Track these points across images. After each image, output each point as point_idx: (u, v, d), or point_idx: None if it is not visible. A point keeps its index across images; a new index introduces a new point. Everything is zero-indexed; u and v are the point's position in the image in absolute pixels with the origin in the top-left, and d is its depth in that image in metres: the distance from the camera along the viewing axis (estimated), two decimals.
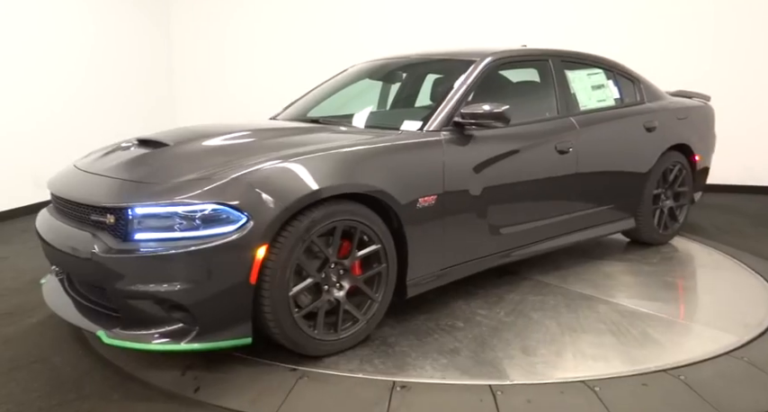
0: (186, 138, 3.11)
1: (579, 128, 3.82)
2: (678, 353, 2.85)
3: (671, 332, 3.09)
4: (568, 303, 3.48)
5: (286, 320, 2.62)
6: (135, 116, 7.47)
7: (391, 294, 3.04)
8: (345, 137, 3.15)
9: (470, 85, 3.44)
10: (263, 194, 2.53)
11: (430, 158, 3.09)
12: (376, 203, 2.88)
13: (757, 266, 4.09)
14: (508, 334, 3.09)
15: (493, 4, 7.18)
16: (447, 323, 3.22)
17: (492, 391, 2.51)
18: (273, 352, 2.79)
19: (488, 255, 3.50)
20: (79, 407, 2.46)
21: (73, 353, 2.95)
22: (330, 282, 2.82)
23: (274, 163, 2.66)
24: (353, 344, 2.90)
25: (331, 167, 2.74)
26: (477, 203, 3.30)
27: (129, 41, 7.52)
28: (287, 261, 2.58)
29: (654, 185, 4.41)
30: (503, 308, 3.43)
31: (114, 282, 2.48)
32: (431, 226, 3.11)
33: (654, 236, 4.55)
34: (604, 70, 4.27)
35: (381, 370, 2.72)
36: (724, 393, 2.48)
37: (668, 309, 3.40)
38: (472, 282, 3.72)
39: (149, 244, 2.47)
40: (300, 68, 7.73)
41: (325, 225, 2.69)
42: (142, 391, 2.58)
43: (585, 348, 2.92)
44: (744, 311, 3.39)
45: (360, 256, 2.87)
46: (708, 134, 4.96)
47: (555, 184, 3.74)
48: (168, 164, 2.79)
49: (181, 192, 2.50)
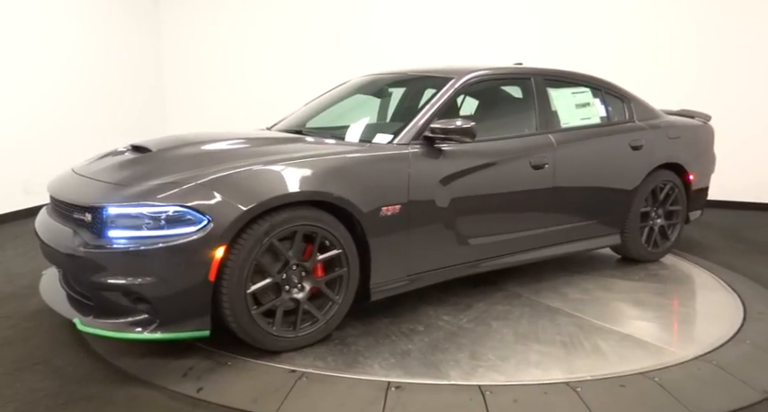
0: (169, 145, 3.39)
1: (557, 144, 3.93)
2: (620, 365, 2.95)
3: (620, 346, 3.18)
4: (533, 314, 3.60)
5: (243, 316, 2.85)
6: (124, 123, 7.53)
7: (352, 297, 3.23)
8: (315, 147, 3.37)
9: (443, 102, 3.60)
10: (224, 199, 2.76)
11: (395, 170, 3.27)
12: (339, 210, 3.07)
13: (740, 287, 4.14)
14: (464, 339, 3.24)
15: (496, 25, 7.37)
16: (408, 327, 3.39)
17: (481, 391, 2.65)
18: (273, 354, 2.97)
19: (457, 265, 3.64)
20: (85, 406, 2.56)
21: (74, 354, 3.04)
22: (291, 282, 3.03)
23: (238, 170, 2.90)
24: (311, 342, 3.10)
25: (291, 176, 2.95)
26: (444, 214, 3.46)
27: (118, 49, 7.58)
28: (245, 261, 2.80)
29: (641, 203, 4.47)
30: (467, 315, 3.57)
31: (89, 274, 2.76)
32: (395, 234, 3.29)
33: (642, 253, 4.60)
34: (592, 89, 4.37)
35: (332, 366, 2.91)
36: (695, 394, 2.66)
37: (628, 324, 3.48)
38: (445, 290, 3.88)
39: (120, 241, 2.73)
40: (290, 77, 7.99)
41: (286, 229, 2.91)
42: (146, 391, 2.68)
43: (531, 356, 3.05)
44: (703, 330, 3.49)
45: (320, 260, 3.07)
46: (705, 154, 4.97)
47: (528, 199, 3.86)
48: (145, 168, 3.06)
49: (149, 195, 2.76)
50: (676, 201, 4.73)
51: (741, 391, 2.72)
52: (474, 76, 3.81)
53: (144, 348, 3.02)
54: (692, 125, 4.90)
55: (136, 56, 7.97)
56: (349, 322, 3.37)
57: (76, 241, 2.81)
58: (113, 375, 2.82)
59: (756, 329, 3.41)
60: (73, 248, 2.79)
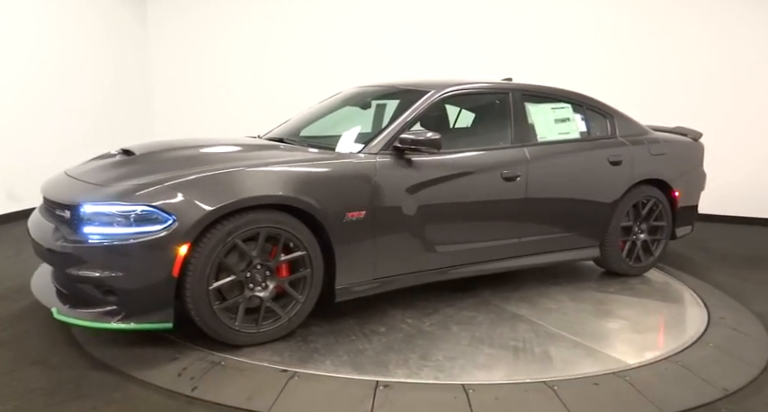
0: (153, 149, 3.65)
1: (530, 157, 4.05)
2: (564, 370, 3.08)
3: (570, 353, 3.29)
4: (495, 320, 3.72)
5: (205, 311, 3.05)
6: (111, 128, 7.58)
7: (316, 297, 3.41)
8: (286, 155, 3.57)
9: (415, 114, 3.77)
10: (189, 200, 2.99)
11: (360, 177, 3.45)
12: (303, 214, 3.27)
13: (705, 295, 4.33)
14: (420, 341, 3.39)
15: (491, 41, 7.58)
16: (371, 328, 3.55)
17: (465, 390, 2.79)
18: (265, 354, 3.12)
19: (425, 271, 3.79)
20: (82, 404, 2.63)
21: (69, 355, 3.11)
22: (255, 281, 3.23)
23: (205, 174, 3.12)
24: (273, 338, 3.28)
25: (255, 180, 3.16)
26: (411, 221, 3.62)
27: (106, 54, 7.61)
28: (208, 259, 3.02)
29: (622, 217, 4.54)
30: (432, 319, 3.71)
31: (65, 267, 3.01)
32: (360, 238, 3.46)
33: (623, 266, 4.67)
34: (573, 105, 4.48)
35: (287, 361, 3.09)
36: (662, 392, 2.87)
37: (585, 333, 3.57)
38: (417, 295, 4.04)
39: (94, 237, 2.98)
40: (279, 84, 8.13)
41: (249, 230, 3.11)
42: (141, 391, 2.76)
43: (479, 358, 3.19)
44: (669, 335, 3.68)
45: (283, 261, 3.27)
46: (692, 171, 5.01)
47: (499, 209, 3.99)
48: (125, 171, 3.31)
49: (120, 195, 3.00)
50: (660, 217, 4.77)
51: (703, 389, 2.94)
52: (450, 90, 3.97)
53: (139, 349, 3.13)
54: (678, 142, 4.95)
55: (124, 61, 8.00)
56: (316, 321, 3.56)
57: (56, 236, 3.07)
58: (109, 375, 2.90)
59: (718, 333, 3.65)
60: (52, 243, 3.06)
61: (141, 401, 2.67)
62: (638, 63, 7.13)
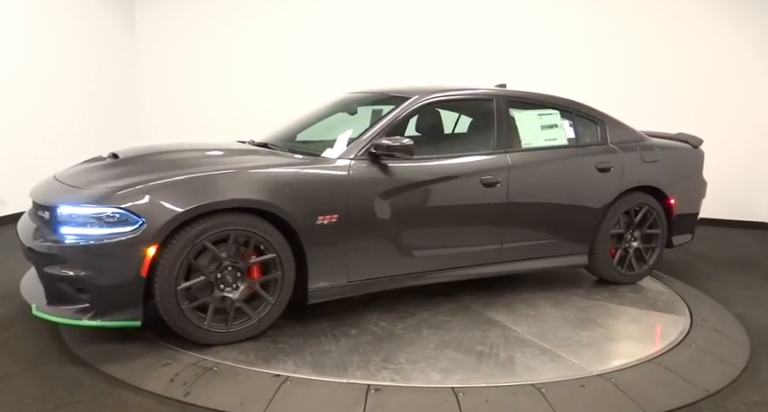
0: (137, 153, 3.79)
1: (512, 163, 4.06)
2: (523, 375, 3.09)
3: (535, 358, 3.29)
4: (469, 326, 3.74)
5: (174, 310, 3.16)
6: (99, 133, 7.61)
7: (287, 299, 3.49)
8: (262, 159, 3.66)
9: (391, 121, 3.83)
10: (158, 203, 3.10)
11: (333, 182, 3.52)
12: (274, 217, 3.35)
13: (688, 297, 4.40)
14: (387, 344, 3.43)
15: (487, 48, 7.67)
16: (342, 330, 3.61)
17: (455, 393, 2.84)
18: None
19: (401, 275, 3.83)
20: (75, 410, 2.65)
21: (59, 362, 3.12)
22: (226, 282, 3.33)
23: (176, 178, 3.23)
24: (242, 338, 3.37)
25: (224, 184, 3.26)
26: (386, 226, 3.67)
27: (94, 58, 7.61)
28: (176, 260, 3.12)
29: (611, 225, 4.50)
30: (405, 322, 3.76)
31: (43, 265, 3.16)
32: (333, 242, 3.53)
33: (613, 274, 4.62)
34: (561, 111, 4.46)
35: (251, 361, 3.16)
36: (646, 393, 2.95)
37: (555, 340, 3.57)
38: (397, 299, 4.10)
39: (69, 237, 3.11)
40: (270, 88, 8.20)
41: (218, 233, 3.21)
42: (134, 396, 2.77)
43: (441, 362, 3.21)
44: (650, 338, 3.72)
45: (253, 263, 3.36)
46: (689, 178, 4.93)
47: (479, 215, 4.01)
48: (105, 174, 3.45)
49: (94, 197, 3.13)
50: (655, 225, 4.71)
51: (686, 390, 3.02)
52: (429, 97, 4.00)
53: (131, 354, 3.16)
54: (674, 149, 4.88)
55: (111, 66, 7.98)
56: (290, 323, 3.64)
57: (36, 236, 3.23)
58: (101, 381, 2.91)
59: (700, 334, 3.75)
60: (32, 242, 3.21)
61: (134, 407, 2.70)
62: (639, 69, 7.28)
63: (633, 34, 7.24)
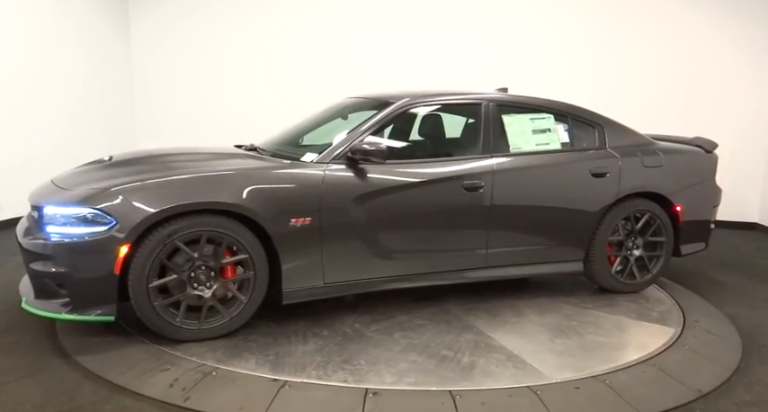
0: (127, 157, 3.99)
1: (496, 168, 4.03)
2: (480, 382, 3.08)
3: (499, 364, 3.26)
4: (444, 330, 3.74)
5: (146, 307, 3.31)
6: (94, 138, 7.59)
7: (260, 299, 3.58)
8: (241, 163, 3.78)
9: (370, 125, 3.87)
10: (131, 204, 3.26)
11: (306, 185, 3.60)
12: (247, 219, 3.46)
13: (680, 298, 4.39)
14: (354, 345, 3.48)
15: (491, 52, 7.74)
16: (315, 331, 3.68)
17: (452, 396, 2.88)
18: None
19: (380, 278, 3.86)
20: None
21: (59, 367, 3.14)
22: (200, 280, 3.46)
23: (150, 180, 3.38)
24: (214, 335, 3.48)
25: (196, 187, 3.39)
26: (362, 229, 3.71)
27: (89, 62, 7.56)
28: (147, 259, 3.27)
29: (608, 232, 4.39)
30: (380, 325, 3.79)
31: (30, 261, 3.37)
32: (306, 244, 3.61)
33: (612, 283, 4.50)
34: (556, 115, 4.39)
35: (218, 356, 3.27)
36: (639, 394, 2.99)
37: (528, 346, 3.52)
38: (381, 301, 4.14)
39: (53, 235, 3.31)
40: (264, 92, 8.19)
41: (189, 233, 3.34)
42: (133, 402, 2.79)
43: (401, 364, 3.24)
44: (643, 342, 3.69)
45: (226, 263, 3.47)
46: (699, 184, 4.74)
47: (461, 220, 3.99)
48: (93, 176, 3.64)
49: (74, 198, 3.32)
50: (659, 232, 4.56)
51: (679, 391, 3.06)
52: (410, 101, 4.03)
53: (130, 360, 3.18)
54: (681, 153, 4.71)
55: (105, 70, 7.92)
56: (266, 322, 3.74)
57: (26, 234, 3.45)
58: (100, 387, 2.93)
59: (692, 336, 3.77)
60: (22, 240, 3.43)
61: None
62: (627, 72, 7.43)
63: (623, 38, 7.40)
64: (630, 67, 7.39)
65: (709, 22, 7.16)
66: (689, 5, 7.21)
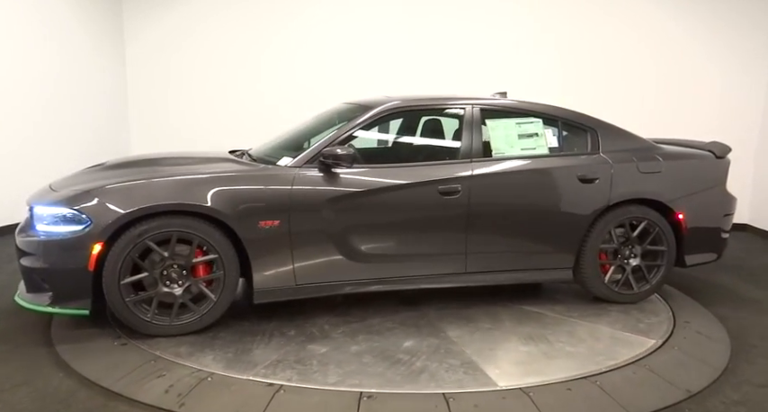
0: (119, 162, 4.22)
1: (474, 172, 4.00)
2: (424, 386, 3.08)
3: (448, 371, 3.23)
4: (410, 334, 3.75)
5: (118, 302, 3.51)
6: (89, 147, 7.54)
7: (230, 297, 3.72)
8: (215, 167, 3.92)
9: (346, 130, 3.94)
10: (104, 206, 3.47)
11: (276, 188, 3.70)
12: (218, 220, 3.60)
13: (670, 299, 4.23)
14: (313, 346, 3.55)
15: (492, 56, 7.85)
16: (283, 331, 3.77)
17: (445, 398, 2.92)
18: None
19: (353, 281, 3.91)
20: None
21: (54, 375, 3.14)
22: (172, 278, 3.63)
23: (125, 183, 3.58)
24: (185, 331, 3.63)
25: (168, 189, 3.56)
26: (334, 232, 3.78)
27: (81, 69, 7.50)
28: (119, 257, 3.47)
29: (600, 239, 4.26)
30: (350, 327, 3.84)
31: (19, 257, 3.64)
32: (276, 245, 3.71)
33: (605, 292, 4.35)
34: (546, 119, 4.31)
35: (181, 352, 3.41)
36: (630, 395, 3.04)
37: (490, 354, 3.49)
38: (358, 304, 4.20)
39: (41, 233, 3.57)
40: (254, 100, 8.15)
41: (160, 233, 3.52)
42: (129, 409, 2.80)
43: (351, 366, 3.28)
44: (632, 343, 3.67)
45: (196, 262, 3.63)
46: (707, 191, 4.51)
47: (437, 224, 3.98)
48: (83, 179, 3.88)
49: (57, 199, 3.56)
50: (659, 241, 4.38)
51: (668, 391, 3.09)
52: (389, 108, 4.06)
53: (125, 366, 3.20)
54: (686, 159, 4.50)
55: (100, 75, 7.85)
56: (241, 321, 3.87)
57: (20, 232, 3.72)
58: (96, 394, 2.94)
59: (682, 336, 3.82)
60: (16, 238, 3.71)
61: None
62: (637, 75, 7.61)
63: (623, 42, 7.65)
64: (627, 68, 7.63)
65: (678, 26, 7.54)
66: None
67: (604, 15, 7.61)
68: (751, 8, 7.28)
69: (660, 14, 7.52)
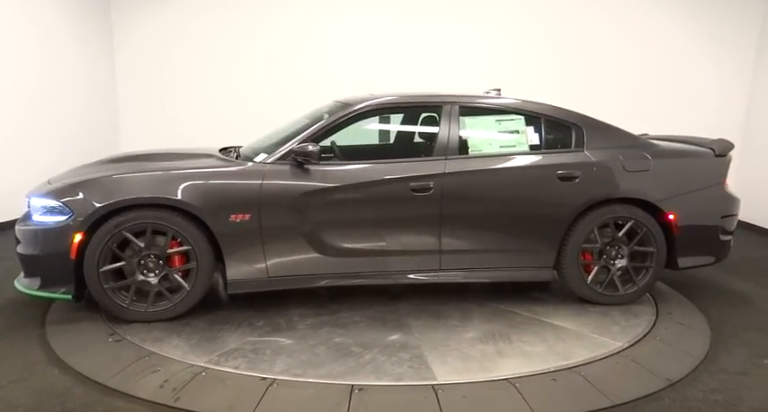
0: (114, 157, 4.47)
1: (447, 170, 4.01)
2: (365, 377, 3.16)
3: (393, 365, 3.30)
4: (374, 328, 3.82)
5: (97, 289, 3.75)
6: (79, 144, 7.52)
7: (204, 287, 3.89)
8: (197, 162, 4.10)
9: (320, 128, 4.04)
10: (84, 198, 3.71)
11: (245, 184, 3.85)
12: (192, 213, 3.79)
13: (667, 299, 3.93)
14: (275, 336, 3.68)
15: (486, 54, 7.94)
16: (252, 321, 3.91)
17: (434, 390, 3.01)
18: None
19: (325, 274, 4.01)
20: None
21: (49, 372, 3.17)
22: (149, 268, 3.84)
23: (103, 178, 3.81)
24: (159, 318, 3.84)
25: (138, 184, 3.76)
26: (304, 227, 3.89)
27: (73, 71, 7.49)
28: (98, 246, 3.70)
29: (581, 239, 4.18)
30: (318, 320, 3.94)
31: (18, 245, 3.94)
32: (247, 239, 3.85)
33: (587, 293, 4.27)
34: (528, 117, 4.26)
35: (146, 337, 3.61)
36: (613, 384, 3.15)
37: (442, 350, 3.51)
38: (335, 298, 4.29)
39: (36, 223, 3.85)
40: (241, 98, 8.17)
41: (136, 225, 3.74)
42: (125, 403, 2.85)
43: (301, 355, 3.40)
44: (612, 337, 3.55)
45: (170, 253, 3.83)
46: (702, 190, 4.33)
47: (409, 221, 4.01)
48: (76, 173, 4.15)
49: (47, 191, 3.82)
50: (647, 242, 4.26)
51: (649, 381, 3.21)
52: (365, 106, 4.12)
53: (120, 362, 3.26)
54: (679, 157, 4.34)
55: (89, 74, 7.83)
56: (218, 310, 4.06)
57: (20, 222, 4.02)
58: (91, 390, 2.98)
59: (665, 327, 3.94)
60: (16, 227, 4.02)
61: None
62: (631, 70, 7.79)
63: (595, 38, 7.81)
64: (622, 64, 7.80)
65: (673, 24, 7.71)
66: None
67: (600, 11, 7.72)
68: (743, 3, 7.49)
69: (654, 10, 7.67)
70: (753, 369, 3.44)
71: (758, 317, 4.29)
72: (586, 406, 2.93)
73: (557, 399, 2.98)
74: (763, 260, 5.86)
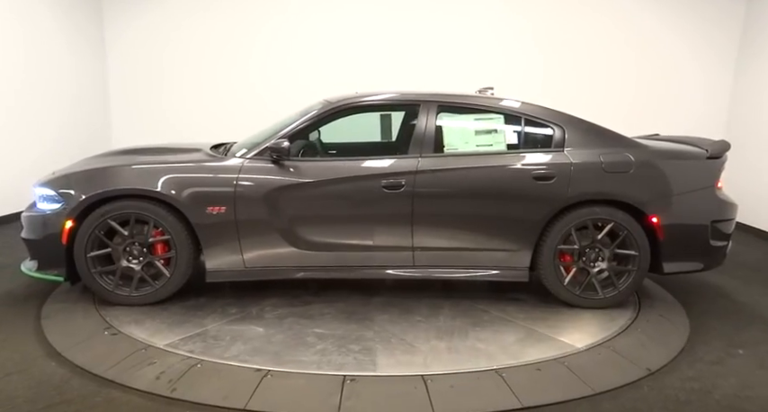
0: (112, 151, 4.77)
1: (419, 168, 4.07)
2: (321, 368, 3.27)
3: (343, 356, 3.40)
4: (337, 320, 3.94)
5: (85, 272, 4.04)
6: (70, 140, 7.61)
7: (184, 275, 4.12)
8: (181, 157, 4.32)
9: (298, 125, 4.18)
10: (73, 189, 4.01)
11: (222, 177, 4.04)
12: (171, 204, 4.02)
13: (649, 292, 3.81)
14: (240, 325, 3.84)
15: (480, 53, 8.06)
16: (227, 309, 4.09)
17: (423, 380, 3.12)
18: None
19: (300, 267, 4.16)
20: (66, 409, 2.76)
21: (47, 365, 3.23)
22: (134, 254, 4.11)
23: (92, 169, 4.10)
24: (142, 303, 4.09)
25: (120, 176, 4.02)
26: (278, 220, 4.04)
27: (62, 67, 7.52)
28: (85, 233, 3.99)
29: (558, 240, 4.15)
30: (288, 310, 4.09)
31: (23, 230, 4.29)
32: (224, 230, 4.05)
33: (564, 295, 4.22)
34: (507, 116, 4.26)
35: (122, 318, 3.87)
36: (595, 374, 3.29)
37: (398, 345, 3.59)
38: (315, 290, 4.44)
39: (39, 210, 4.18)
40: (234, 95, 8.25)
41: (120, 214, 4.00)
42: (122, 394, 2.92)
43: (251, 343, 3.54)
44: (598, 327, 3.71)
45: (153, 241, 4.07)
46: (690, 193, 4.19)
47: (380, 218, 4.09)
48: (79, 164, 4.46)
49: (47, 181, 4.14)
50: (629, 245, 4.18)
51: (630, 370, 3.36)
52: (340, 104, 4.23)
53: (117, 355, 3.34)
54: (666, 159, 4.21)
55: (80, 71, 7.88)
56: (197, 297, 4.27)
57: (26, 210, 4.38)
58: (89, 381, 3.05)
59: (646, 320, 4.09)
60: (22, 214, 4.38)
61: (123, 404, 2.85)
62: (618, 69, 7.92)
63: (583, 37, 7.93)
64: (610, 63, 7.95)
65: (662, 24, 7.85)
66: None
67: (588, 11, 7.87)
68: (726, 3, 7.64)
69: (641, 11, 7.83)
70: (727, 359, 3.59)
71: (734, 310, 4.46)
72: (569, 394, 3.06)
73: (541, 388, 3.10)
74: (740, 255, 5.87)
